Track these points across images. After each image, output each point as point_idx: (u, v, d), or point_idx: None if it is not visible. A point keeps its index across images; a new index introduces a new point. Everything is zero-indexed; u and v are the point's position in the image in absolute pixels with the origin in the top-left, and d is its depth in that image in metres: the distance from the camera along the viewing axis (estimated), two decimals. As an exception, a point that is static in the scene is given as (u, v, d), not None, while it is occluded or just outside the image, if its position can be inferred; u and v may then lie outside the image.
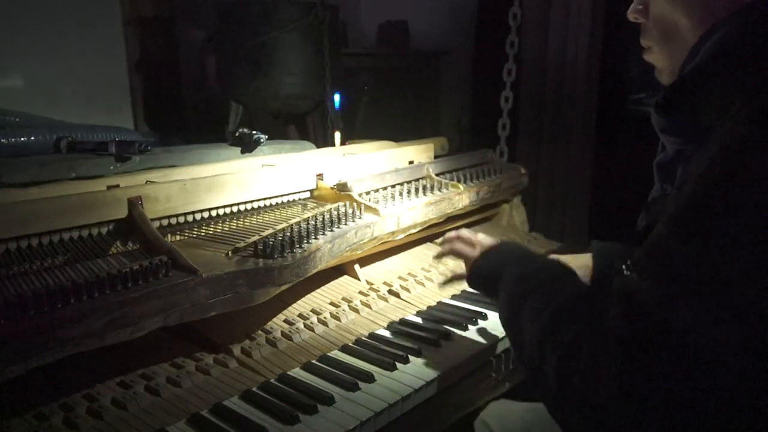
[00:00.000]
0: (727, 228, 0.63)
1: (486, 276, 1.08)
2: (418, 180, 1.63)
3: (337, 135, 2.00)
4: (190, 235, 1.20)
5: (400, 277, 1.51)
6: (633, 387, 0.65)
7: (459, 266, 1.62)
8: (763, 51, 0.72)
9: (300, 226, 1.20)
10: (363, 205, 1.37)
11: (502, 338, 1.25)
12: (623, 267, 0.74)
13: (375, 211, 1.38)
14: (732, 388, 0.62)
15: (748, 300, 0.61)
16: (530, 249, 1.19)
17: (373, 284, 1.46)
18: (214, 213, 1.25)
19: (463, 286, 1.51)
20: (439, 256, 1.34)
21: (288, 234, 1.16)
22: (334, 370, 1.09)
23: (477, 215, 1.85)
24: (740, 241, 0.63)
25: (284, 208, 1.39)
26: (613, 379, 0.66)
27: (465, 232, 1.26)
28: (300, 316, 1.27)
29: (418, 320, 1.32)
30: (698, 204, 0.67)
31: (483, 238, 1.22)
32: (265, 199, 1.34)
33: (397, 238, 1.49)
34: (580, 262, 1.24)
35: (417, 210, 1.47)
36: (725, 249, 0.63)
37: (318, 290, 1.38)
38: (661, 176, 0.93)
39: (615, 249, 1.23)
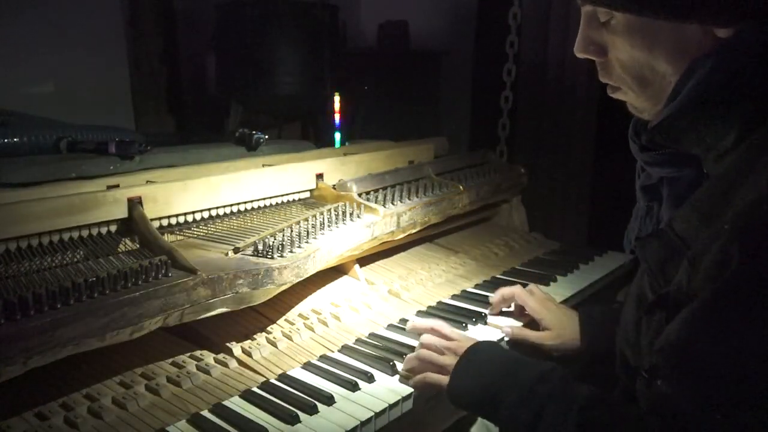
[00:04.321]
0: (760, 326, 0.61)
1: (474, 401, 0.94)
2: (418, 180, 1.63)
3: (337, 135, 2.00)
4: (190, 235, 1.20)
5: (400, 277, 1.51)
6: None
7: (459, 266, 1.62)
8: (752, 86, 0.71)
9: (300, 226, 1.20)
10: (363, 205, 1.37)
11: (501, 338, 1.25)
12: (643, 374, 0.72)
13: (375, 211, 1.38)
14: None
15: None
16: (506, 349, 1.08)
17: (373, 284, 1.46)
18: (214, 213, 1.25)
19: (463, 285, 1.52)
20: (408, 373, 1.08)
21: (288, 234, 1.16)
22: (334, 370, 1.09)
23: (477, 215, 1.85)
24: None
25: (284, 208, 1.39)
26: None
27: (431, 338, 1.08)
28: (300, 316, 1.27)
29: (419, 320, 1.32)
30: (720, 308, 0.64)
31: (456, 336, 1.08)
32: (265, 199, 1.35)
33: (397, 238, 1.49)
34: (566, 320, 1.21)
35: (417, 210, 1.47)
36: (761, 348, 0.61)
37: (318, 290, 1.38)
38: (646, 197, 0.92)
39: (602, 315, 1.18)
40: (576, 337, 1.18)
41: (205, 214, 1.24)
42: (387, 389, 1.04)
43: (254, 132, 1.63)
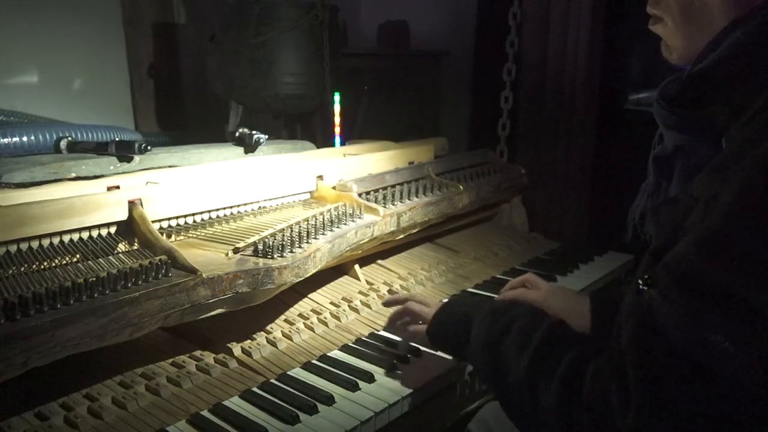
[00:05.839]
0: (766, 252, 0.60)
1: (449, 332, 1.01)
2: (418, 180, 1.63)
3: (337, 134, 2.00)
4: (191, 235, 1.20)
5: (400, 277, 1.51)
6: (658, 419, 0.62)
7: (459, 266, 1.62)
8: None
9: (300, 226, 1.20)
10: (363, 205, 1.37)
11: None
12: (639, 282, 0.70)
13: (375, 211, 1.38)
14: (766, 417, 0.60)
15: None
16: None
17: (373, 284, 1.46)
18: (214, 215, 1.25)
19: (463, 285, 1.52)
20: (391, 322, 1.21)
21: (288, 234, 1.16)
22: (334, 370, 1.09)
23: (477, 215, 1.85)
24: None
25: (284, 208, 1.39)
26: (633, 412, 0.63)
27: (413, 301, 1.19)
28: (300, 316, 1.27)
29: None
30: (734, 226, 0.62)
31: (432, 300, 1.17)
32: (266, 201, 1.35)
33: (397, 238, 1.49)
34: (574, 304, 1.16)
35: (417, 210, 1.47)
36: (763, 274, 0.60)
37: (318, 290, 1.38)
38: (657, 170, 0.90)
39: (615, 298, 1.14)
40: (584, 322, 1.14)
41: (205, 216, 1.24)
42: (387, 389, 1.04)
43: (254, 132, 1.63)
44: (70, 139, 1.56)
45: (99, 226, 1.08)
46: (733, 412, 0.61)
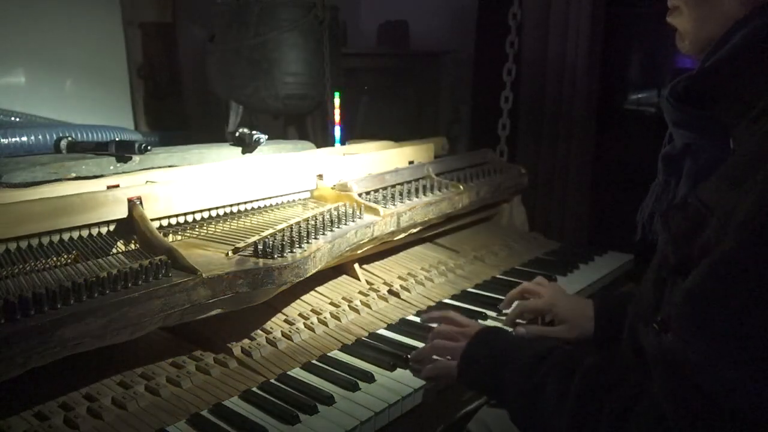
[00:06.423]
0: None
1: (481, 379, 0.98)
2: (418, 180, 1.63)
3: (337, 134, 2.00)
4: (191, 235, 1.20)
5: (400, 277, 1.51)
6: None
7: (459, 266, 1.62)
8: None
9: (300, 226, 1.20)
10: (363, 205, 1.37)
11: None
12: (654, 326, 0.71)
13: (375, 211, 1.38)
14: None
15: None
16: (512, 334, 1.16)
17: (373, 284, 1.46)
18: (214, 213, 1.25)
19: (463, 285, 1.52)
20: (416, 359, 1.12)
21: (288, 234, 1.16)
22: (334, 370, 1.09)
23: (477, 215, 1.85)
24: None
25: (284, 208, 1.39)
26: None
27: (444, 326, 1.14)
28: (300, 316, 1.27)
29: (418, 320, 1.32)
30: (743, 258, 0.62)
31: (467, 323, 1.12)
32: (265, 199, 1.35)
33: (397, 238, 1.49)
34: (580, 309, 1.19)
35: (417, 210, 1.47)
36: None
37: (318, 290, 1.38)
38: (666, 169, 0.89)
39: (618, 299, 1.18)
40: (589, 325, 1.17)
41: (205, 214, 1.24)
42: (387, 389, 1.04)
43: (254, 132, 1.63)
44: (70, 139, 1.56)
45: (99, 224, 1.08)
46: None
